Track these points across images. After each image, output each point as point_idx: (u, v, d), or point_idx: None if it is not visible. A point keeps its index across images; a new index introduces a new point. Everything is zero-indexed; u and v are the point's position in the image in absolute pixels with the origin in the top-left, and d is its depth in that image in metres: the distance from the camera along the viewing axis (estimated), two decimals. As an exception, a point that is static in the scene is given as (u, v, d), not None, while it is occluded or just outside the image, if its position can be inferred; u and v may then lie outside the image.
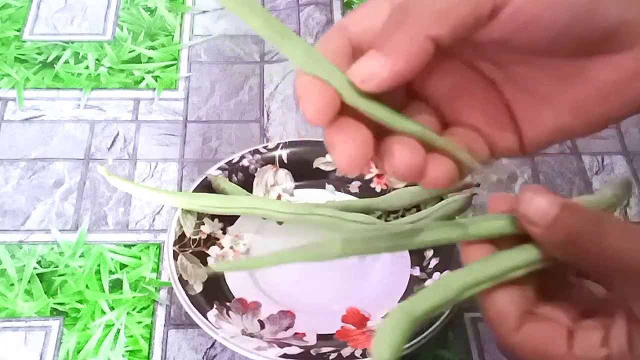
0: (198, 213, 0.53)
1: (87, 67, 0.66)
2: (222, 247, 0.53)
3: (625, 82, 0.31)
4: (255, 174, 0.56)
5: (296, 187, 0.57)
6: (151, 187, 0.55)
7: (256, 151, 0.57)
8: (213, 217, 0.54)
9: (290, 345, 0.47)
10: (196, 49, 0.68)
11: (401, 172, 0.31)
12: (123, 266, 0.53)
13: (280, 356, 0.45)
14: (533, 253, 0.34)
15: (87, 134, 0.61)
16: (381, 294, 0.51)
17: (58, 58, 0.66)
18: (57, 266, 0.53)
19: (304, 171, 0.57)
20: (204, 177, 0.55)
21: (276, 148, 0.57)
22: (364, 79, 0.30)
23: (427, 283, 0.50)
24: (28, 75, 0.65)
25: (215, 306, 0.49)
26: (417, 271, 0.52)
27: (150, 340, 0.49)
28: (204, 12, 0.72)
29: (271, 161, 0.57)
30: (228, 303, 0.50)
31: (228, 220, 0.54)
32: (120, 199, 0.57)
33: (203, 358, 0.49)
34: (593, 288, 0.36)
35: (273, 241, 0.54)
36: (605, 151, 0.62)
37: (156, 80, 0.65)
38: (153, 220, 0.56)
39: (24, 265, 0.52)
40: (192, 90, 0.65)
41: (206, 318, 0.47)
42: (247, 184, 0.56)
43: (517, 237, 0.34)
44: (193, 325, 0.49)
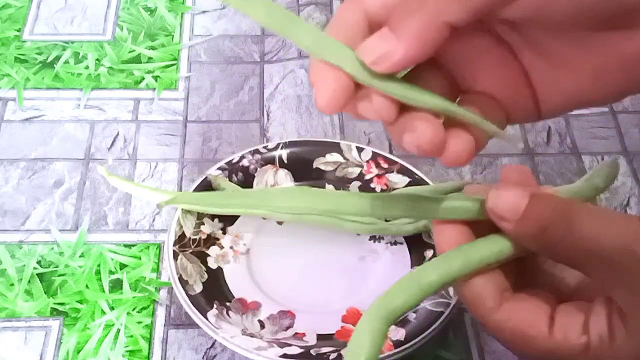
0: (198, 213, 0.53)
1: (87, 67, 0.66)
2: (222, 247, 0.53)
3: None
4: (255, 174, 0.56)
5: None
6: (151, 187, 0.55)
7: (256, 151, 0.57)
8: (213, 217, 0.54)
9: (290, 345, 0.47)
10: (196, 49, 0.68)
11: (424, 148, 0.31)
12: (123, 266, 0.53)
13: (280, 356, 0.45)
14: (507, 245, 0.33)
15: (87, 134, 0.61)
16: (381, 294, 0.51)
17: (58, 58, 0.66)
18: (57, 266, 0.53)
19: (304, 171, 0.57)
20: (204, 177, 0.55)
21: (276, 148, 0.57)
22: (376, 61, 0.30)
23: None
24: (28, 75, 0.65)
25: (215, 306, 0.49)
26: (417, 271, 0.52)
27: (150, 340, 0.49)
28: (204, 12, 0.72)
29: (271, 161, 0.57)
30: (228, 303, 0.50)
31: (228, 220, 0.54)
32: (120, 199, 0.57)
33: (203, 358, 0.49)
34: (568, 276, 0.35)
35: (273, 241, 0.54)
36: (605, 151, 0.62)
37: (156, 80, 0.65)
38: (153, 220, 0.56)
39: (24, 265, 0.52)
40: (192, 90, 0.65)
41: (206, 318, 0.47)
42: (247, 184, 0.56)
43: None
44: (193, 325, 0.49)
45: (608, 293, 0.31)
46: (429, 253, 0.52)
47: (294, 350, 0.46)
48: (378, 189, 0.56)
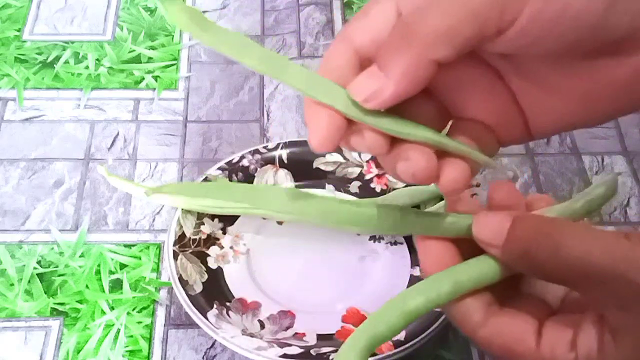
0: (198, 213, 0.53)
1: (87, 67, 0.66)
2: (222, 247, 0.53)
3: (635, 80, 0.31)
4: (255, 174, 0.56)
5: (296, 187, 0.57)
6: (151, 187, 0.55)
7: (256, 151, 0.57)
8: (213, 217, 0.54)
9: (290, 345, 0.47)
10: (196, 49, 0.68)
11: (419, 175, 0.31)
12: (123, 266, 0.53)
13: (280, 356, 0.45)
14: (496, 267, 0.33)
15: (87, 134, 0.61)
16: (381, 294, 0.51)
17: (58, 58, 0.66)
18: (57, 266, 0.53)
19: (304, 171, 0.57)
20: (204, 177, 0.55)
21: (276, 148, 0.57)
22: (367, 99, 0.30)
23: None
24: (28, 75, 0.65)
25: (215, 306, 0.49)
26: (417, 271, 0.52)
27: (150, 340, 0.49)
28: (204, 12, 0.72)
29: (271, 161, 0.57)
30: (228, 303, 0.50)
31: (228, 220, 0.54)
32: (120, 199, 0.57)
33: (203, 358, 0.49)
34: (554, 289, 0.35)
35: (273, 241, 0.54)
36: (605, 151, 0.62)
37: (156, 80, 0.65)
38: (153, 220, 0.56)
39: (24, 265, 0.52)
40: (192, 90, 0.65)
41: (206, 318, 0.47)
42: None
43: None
44: (193, 325, 0.49)
45: (598, 310, 0.31)
46: None
47: (294, 350, 0.46)
48: (378, 189, 0.56)
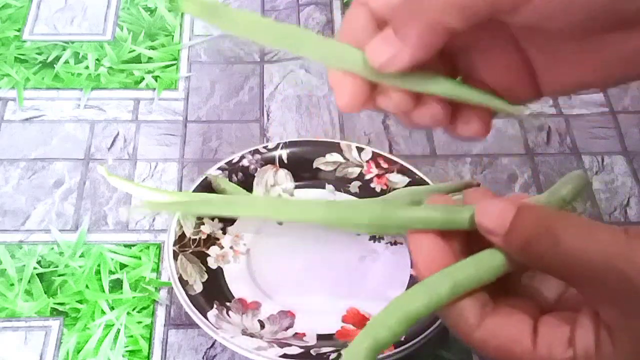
0: (198, 213, 0.53)
1: (87, 67, 0.66)
2: (222, 247, 0.53)
3: None
4: (255, 174, 0.56)
5: (296, 187, 0.57)
6: (151, 187, 0.55)
7: (256, 151, 0.57)
8: (213, 217, 0.54)
9: (290, 345, 0.47)
10: (196, 49, 0.68)
11: (437, 118, 0.34)
12: (123, 266, 0.53)
13: (280, 356, 0.45)
14: (494, 265, 0.33)
15: (87, 134, 0.61)
16: (381, 294, 0.51)
17: (58, 58, 0.66)
18: (57, 266, 0.53)
19: (304, 171, 0.57)
20: (204, 177, 0.55)
21: (276, 148, 0.57)
22: (384, 64, 0.31)
23: None
24: (28, 75, 0.65)
25: (215, 306, 0.49)
26: (417, 271, 0.52)
27: (150, 340, 0.49)
28: (204, 12, 0.72)
29: (271, 161, 0.57)
30: (228, 303, 0.50)
31: (228, 220, 0.54)
32: (120, 199, 0.57)
33: (203, 358, 0.49)
34: (549, 287, 0.35)
35: (273, 241, 0.54)
36: (605, 151, 0.62)
37: (156, 80, 0.65)
38: (153, 220, 0.56)
39: (24, 265, 0.52)
40: (192, 90, 0.65)
41: (206, 318, 0.47)
42: (247, 184, 0.56)
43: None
44: (193, 325, 0.49)
45: (594, 306, 0.31)
46: None
47: (294, 350, 0.46)
48: (378, 189, 0.56)
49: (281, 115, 0.63)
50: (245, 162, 0.56)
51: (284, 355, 0.46)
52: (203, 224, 0.53)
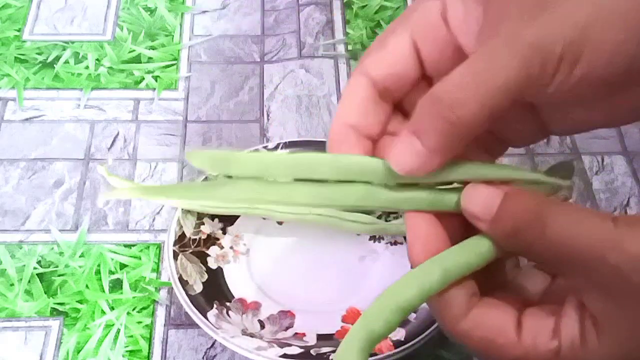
0: (198, 213, 0.53)
1: (87, 67, 0.66)
2: (222, 247, 0.53)
3: None
4: (255, 174, 0.56)
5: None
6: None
7: (256, 151, 0.57)
8: (213, 217, 0.54)
9: (290, 345, 0.47)
10: (196, 49, 0.68)
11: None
12: (123, 266, 0.53)
13: (280, 356, 0.45)
14: (483, 250, 0.32)
15: (87, 134, 0.61)
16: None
17: (58, 58, 0.66)
18: (57, 266, 0.53)
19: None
20: (204, 177, 0.55)
21: (276, 148, 0.57)
22: (411, 172, 0.31)
23: None
24: (28, 75, 0.65)
25: (215, 306, 0.49)
26: (417, 271, 0.52)
27: (150, 340, 0.49)
28: (204, 12, 0.72)
29: (271, 161, 0.57)
30: (228, 303, 0.50)
31: (228, 220, 0.54)
32: (120, 199, 0.57)
33: (203, 358, 0.49)
34: (534, 281, 0.34)
35: (273, 241, 0.54)
36: (605, 151, 0.62)
37: (156, 80, 0.65)
38: (153, 220, 0.56)
39: (24, 265, 0.52)
40: (192, 90, 0.65)
41: (206, 318, 0.47)
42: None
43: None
44: (193, 325, 0.49)
45: (580, 296, 0.30)
46: None
47: (294, 350, 0.46)
48: (378, 189, 0.56)
49: (281, 115, 0.63)
50: (245, 162, 0.56)
51: (284, 355, 0.46)
52: (203, 224, 0.53)
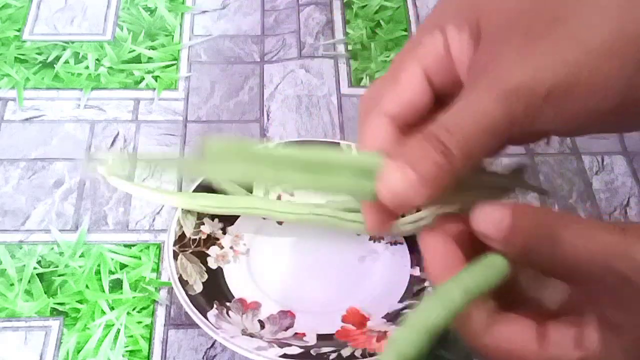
0: (198, 213, 0.53)
1: (87, 67, 0.66)
2: (222, 247, 0.53)
3: None
4: (255, 174, 0.56)
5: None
6: (151, 187, 0.55)
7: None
8: (213, 217, 0.54)
9: (290, 345, 0.47)
10: (196, 49, 0.68)
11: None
12: (123, 266, 0.53)
13: (280, 356, 0.45)
14: (495, 269, 0.33)
15: (87, 134, 0.61)
16: (381, 294, 0.51)
17: (58, 58, 0.66)
18: (57, 266, 0.53)
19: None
20: (204, 177, 0.55)
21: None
22: (397, 195, 0.31)
23: (427, 283, 0.50)
24: (28, 75, 0.65)
25: (215, 306, 0.49)
26: (417, 271, 0.52)
27: (150, 340, 0.49)
28: (204, 12, 0.72)
29: (271, 161, 0.57)
30: (228, 303, 0.50)
31: (228, 220, 0.54)
32: (120, 199, 0.57)
33: (203, 358, 0.49)
34: (551, 294, 0.35)
35: (273, 241, 0.54)
36: (605, 151, 0.62)
37: (156, 80, 0.65)
38: (153, 220, 0.56)
39: (24, 265, 0.52)
40: (192, 90, 0.65)
41: (206, 318, 0.47)
42: (248, 184, 0.56)
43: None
44: (193, 325, 0.49)
45: (598, 306, 0.31)
46: None
47: (294, 350, 0.46)
48: (378, 189, 0.56)
49: (281, 115, 0.63)
50: (245, 162, 0.56)
51: (284, 355, 0.46)
52: (203, 224, 0.53)
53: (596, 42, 0.29)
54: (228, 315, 0.49)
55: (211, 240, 0.53)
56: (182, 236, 0.52)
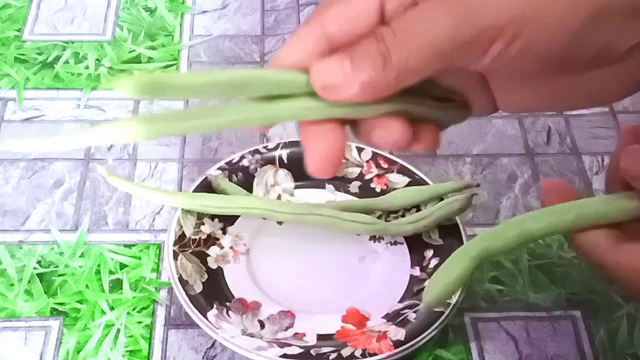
0: (198, 213, 0.53)
1: (87, 67, 0.66)
2: (222, 247, 0.53)
3: (604, 88, 0.32)
4: (255, 174, 0.56)
5: (296, 187, 0.57)
6: (151, 187, 0.55)
7: (256, 151, 0.57)
8: (213, 217, 0.54)
9: (290, 345, 0.47)
10: (196, 49, 0.68)
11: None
12: (123, 266, 0.53)
13: (280, 356, 0.45)
14: (626, 206, 0.34)
15: (87, 134, 0.61)
16: (381, 294, 0.51)
17: (58, 58, 0.66)
18: (57, 266, 0.53)
19: (304, 171, 0.56)
20: (204, 177, 0.55)
21: (276, 148, 0.57)
22: (327, 86, 0.30)
23: (427, 283, 0.50)
24: (28, 75, 0.65)
25: (215, 306, 0.49)
26: (417, 271, 0.52)
27: (150, 340, 0.49)
28: (204, 12, 0.72)
29: (271, 161, 0.57)
30: (228, 303, 0.50)
31: (228, 220, 0.54)
32: (120, 199, 0.57)
33: (203, 358, 0.49)
34: None
35: (273, 241, 0.54)
36: (605, 151, 0.62)
37: (156, 80, 0.65)
38: (153, 220, 0.56)
39: (24, 265, 0.52)
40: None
41: (206, 318, 0.47)
42: (247, 184, 0.56)
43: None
44: (193, 325, 0.49)
45: None
46: (429, 253, 0.52)
47: (294, 350, 0.46)
48: (378, 189, 0.56)
49: (281, 115, 0.63)
50: (245, 162, 0.56)
51: (284, 355, 0.46)
52: (203, 224, 0.53)
53: None
54: (228, 315, 0.49)
55: (211, 240, 0.53)
56: (182, 236, 0.52)
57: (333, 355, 0.46)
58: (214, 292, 0.50)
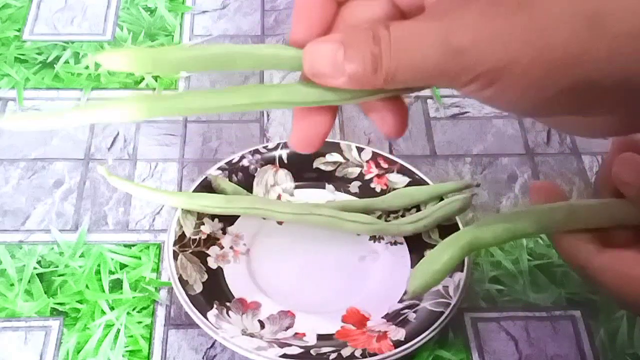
0: (198, 213, 0.53)
1: (87, 67, 0.66)
2: (222, 247, 0.53)
3: (609, 127, 0.31)
4: (255, 174, 0.56)
5: (296, 187, 0.57)
6: (151, 187, 0.55)
7: (256, 151, 0.57)
8: (213, 217, 0.54)
9: (290, 345, 0.47)
10: (196, 49, 0.68)
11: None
12: (123, 266, 0.53)
13: (280, 356, 0.45)
14: (621, 211, 0.34)
15: (87, 134, 0.61)
16: (381, 294, 0.51)
17: (58, 58, 0.66)
18: (57, 266, 0.53)
19: (304, 171, 0.57)
20: (204, 177, 0.55)
21: (276, 148, 0.57)
22: (316, 74, 0.31)
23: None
24: (28, 75, 0.65)
25: (215, 306, 0.49)
26: (417, 271, 0.52)
27: (150, 340, 0.49)
28: (204, 12, 0.72)
29: (271, 161, 0.57)
30: (228, 303, 0.50)
31: (228, 220, 0.54)
32: (120, 199, 0.57)
33: (203, 358, 0.49)
34: None
35: (273, 241, 0.54)
36: (605, 151, 0.61)
37: (156, 80, 0.65)
38: (153, 220, 0.56)
39: (24, 265, 0.52)
40: (192, 90, 0.65)
41: (206, 318, 0.47)
42: (247, 184, 0.56)
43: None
44: (193, 325, 0.49)
45: None
46: (429, 253, 0.52)
47: (294, 350, 0.46)
48: (378, 189, 0.56)
49: (281, 115, 0.63)
50: (245, 162, 0.56)
51: (284, 355, 0.46)
52: (203, 224, 0.53)
53: (550, 23, 0.28)
54: (228, 315, 0.49)
55: (211, 240, 0.53)
56: (182, 236, 0.52)
57: (333, 355, 0.46)
58: (214, 292, 0.50)
